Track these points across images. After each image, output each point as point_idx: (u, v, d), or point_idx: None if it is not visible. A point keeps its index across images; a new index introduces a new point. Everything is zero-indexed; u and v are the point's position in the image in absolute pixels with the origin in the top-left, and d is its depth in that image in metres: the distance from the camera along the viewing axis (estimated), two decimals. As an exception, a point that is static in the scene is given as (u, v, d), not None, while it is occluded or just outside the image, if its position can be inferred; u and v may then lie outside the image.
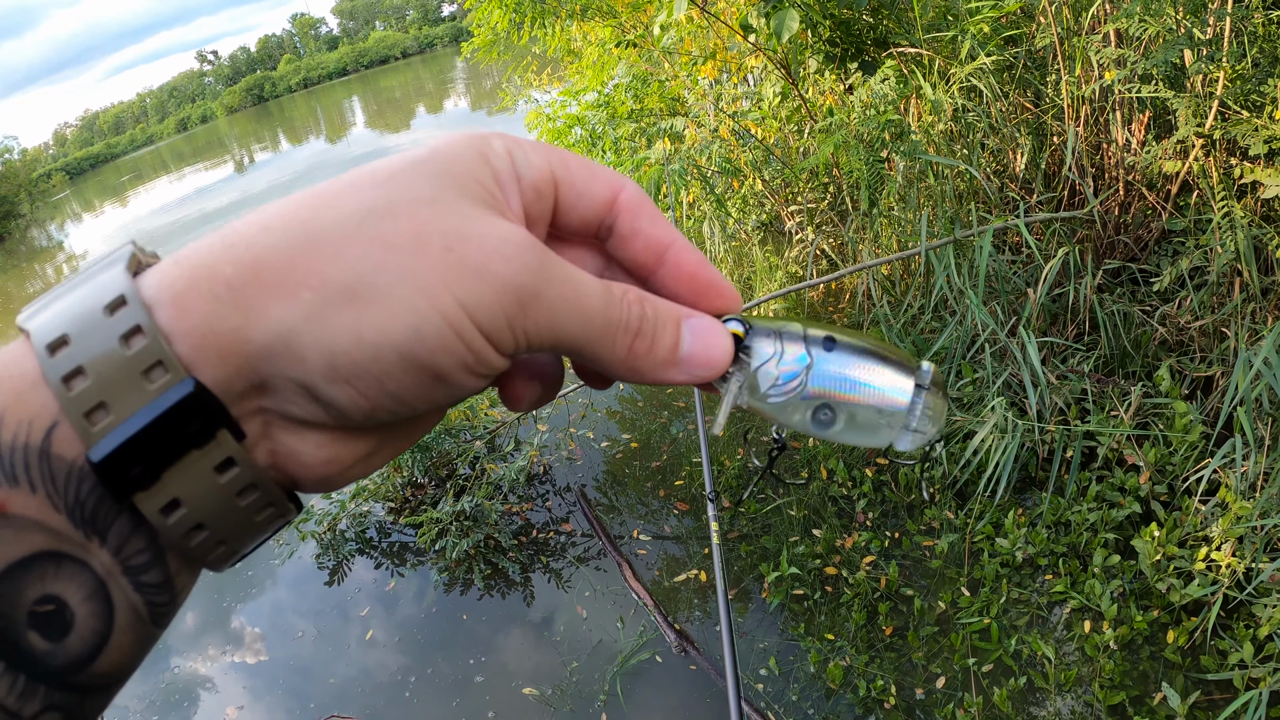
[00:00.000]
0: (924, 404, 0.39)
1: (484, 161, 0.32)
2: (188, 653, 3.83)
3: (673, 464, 4.08)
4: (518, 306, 0.30)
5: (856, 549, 3.26)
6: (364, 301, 0.28)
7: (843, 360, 0.37)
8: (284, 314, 0.27)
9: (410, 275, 0.28)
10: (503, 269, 0.29)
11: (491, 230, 0.30)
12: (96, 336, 0.27)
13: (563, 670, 3.16)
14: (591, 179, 0.36)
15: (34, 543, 0.26)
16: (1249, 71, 2.87)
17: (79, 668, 0.27)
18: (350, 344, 0.28)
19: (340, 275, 0.28)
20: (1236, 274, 2.93)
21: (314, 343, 0.28)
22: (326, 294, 0.28)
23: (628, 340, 0.34)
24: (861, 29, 3.97)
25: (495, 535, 3.77)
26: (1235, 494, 2.58)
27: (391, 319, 0.28)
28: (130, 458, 0.27)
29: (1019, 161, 3.63)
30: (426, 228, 0.29)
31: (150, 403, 0.27)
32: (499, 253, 0.29)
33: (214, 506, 0.29)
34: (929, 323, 3.76)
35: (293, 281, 0.28)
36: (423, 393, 0.30)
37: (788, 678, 2.89)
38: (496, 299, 0.29)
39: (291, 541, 4.14)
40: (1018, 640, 2.76)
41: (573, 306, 0.32)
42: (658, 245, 0.37)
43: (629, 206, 0.36)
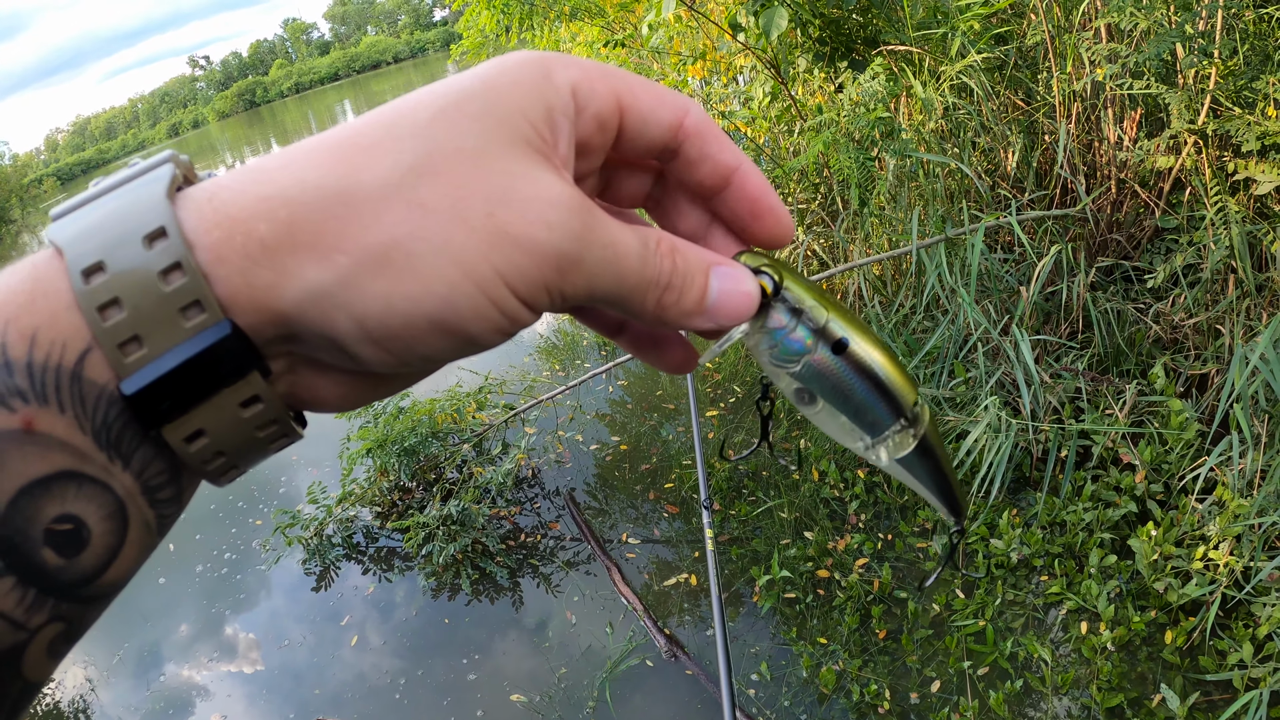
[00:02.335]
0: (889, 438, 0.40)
1: (538, 97, 0.31)
2: (176, 660, 3.78)
3: (662, 467, 4.03)
4: (557, 273, 0.30)
5: (849, 551, 3.22)
6: (398, 269, 0.28)
7: (842, 372, 0.38)
8: (317, 276, 0.27)
9: (447, 243, 0.28)
10: (546, 237, 0.29)
11: (535, 190, 0.29)
12: (134, 267, 0.27)
13: (551, 676, 3.11)
14: (659, 104, 0.35)
15: (57, 462, 0.26)
16: (1241, 68, 2.85)
17: (89, 581, 0.28)
18: (381, 310, 0.28)
19: (375, 240, 0.28)
20: (1231, 270, 2.90)
21: (345, 306, 0.28)
22: (360, 259, 0.28)
23: (658, 293, 0.33)
24: (851, 27, 3.94)
25: (483, 540, 3.72)
26: (1233, 492, 2.55)
27: (424, 288, 0.28)
28: (163, 393, 0.27)
29: (1010, 159, 3.60)
30: (467, 189, 0.29)
31: (186, 340, 0.27)
32: (543, 218, 0.29)
33: (235, 437, 0.29)
34: (921, 322, 3.73)
35: (327, 244, 0.28)
36: (452, 352, 0.30)
37: (780, 682, 2.85)
38: (537, 267, 0.29)
39: (278, 547, 4.08)
40: (1013, 642, 2.72)
41: (611, 268, 0.31)
42: (725, 169, 0.37)
43: (696, 131, 0.36)
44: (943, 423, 3.29)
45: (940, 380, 3.41)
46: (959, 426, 3.21)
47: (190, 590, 4.21)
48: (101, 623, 2.54)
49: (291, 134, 41.91)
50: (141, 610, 4.13)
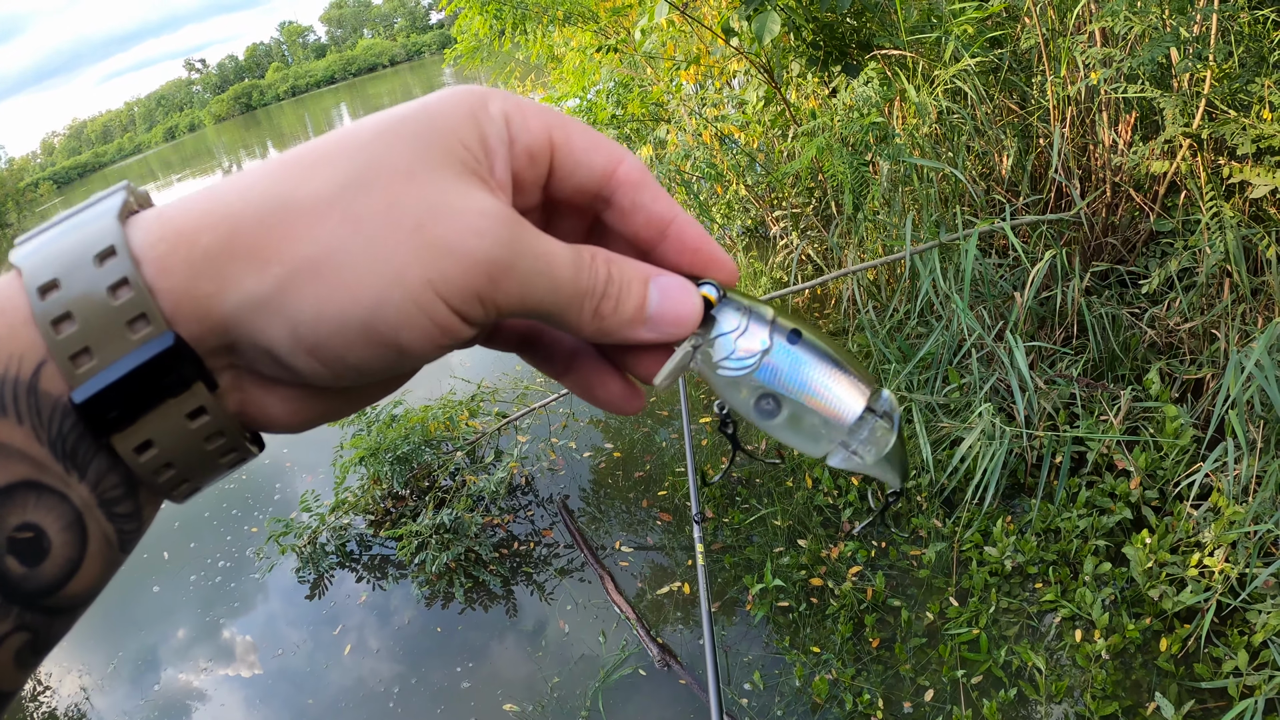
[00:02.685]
0: (870, 428, 0.38)
1: (473, 123, 0.32)
2: (171, 668, 3.76)
3: (656, 474, 4.01)
4: (488, 281, 0.30)
5: (842, 559, 3.20)
6: (328, 277, 0.29)
7: (802, 357, 0.37)
8: (253, 286, 0.28)
9: (377, 253, 0.29)
10: (474, 245, 0.30)
11: (466, 204, 0.30)
12: (85, 284, 0.28)
13: (544, 685, 3.09)
14: (592, 149, 0.35)
15: (17, 471, 0.27)
16: (1236, 71, 2.83)
17: (51, 591, 0.28)
18: (312, 317, 0.29)
19: (308, 251, 0.29)
20: (1226, 275, 2.88)
21: (278, 314, 0.29)
22: (293, 267, 0.29)
23: (594, 302, 0.34)
24: (844, 31, 3.93)
25: (476, 548, 3.70)
26: (1228, 498, 2.53)
27: (353, 296, 0.29)
28: (110, 401, 0.28)
29: (1004, 164, 3.59)
30: (399, 202, 0.29)
31: (132, 351, 0.28)
32: (471, 228, 0.30)
33: (183, 449, 0.30)
34: (915, 328, 3.71)
35: (263, 255, 0.29)
36: (385, 363, 0.31)
37: (772, 692, 2.83)
38: (466, 275, 0.30)
39: (271, 555, 4.06)
40: (1007, 651, 2.70)
41: (543, 277, 0.32)
42: (659, 221, 0.37)
43: (629, 181, 0.36)
44: (937, 429, 3.27)
45: (934, 386, 3.39)
46: (953, 433, 3.19)
47: (184, 598, 4.19)
48: (96, 630, 2.52)
49: (288, 137, 41.88)
50: (136, 618, 4.11)
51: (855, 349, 3.95)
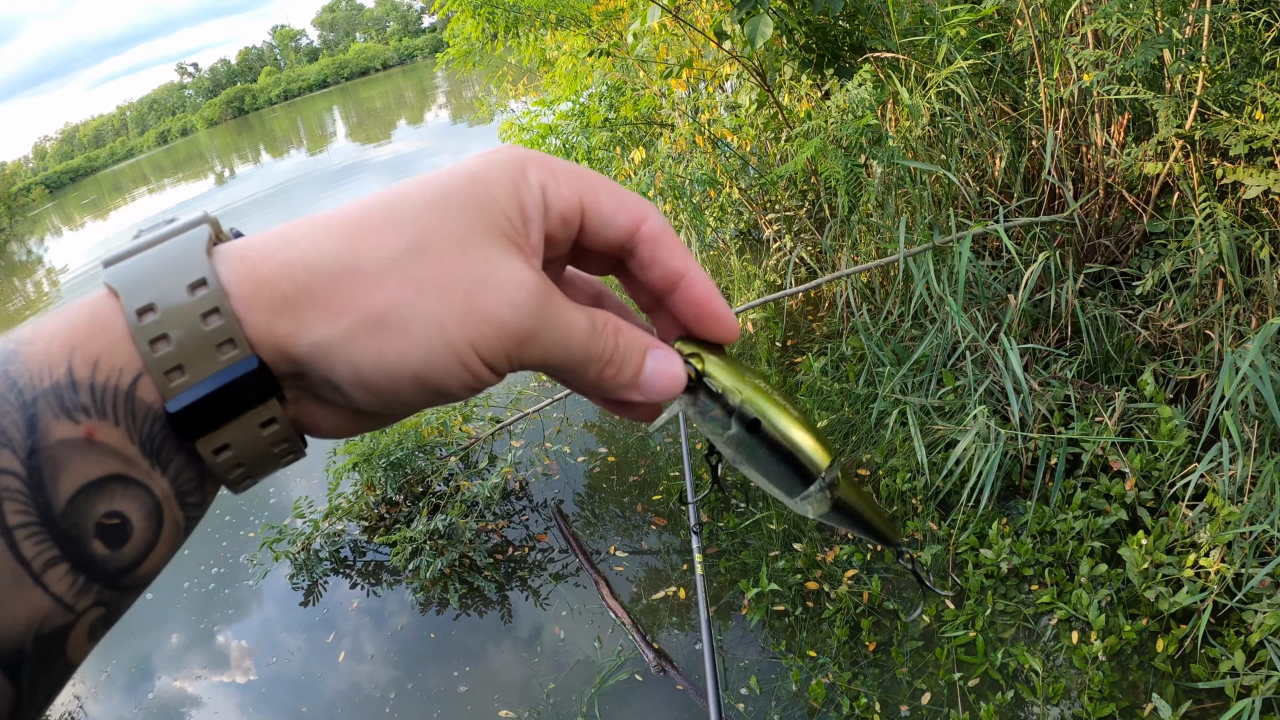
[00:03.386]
0: (813, 499, 0.46)
1: (514, 193, 0.37)
2: (165, 675, 3.74)
3: (650, 478, 4.01)
4: (516, 345, 0.36)
5: (838, 563, 3.19)
6: (390, 331, 0.34)
7: (755, 445, 0.43)
8: (325, 331, 0.33)
9: (430, 314, 0.34)
10: (509, 316, 0.35)
11: (506, 277, 0.35)
12: (180, 310, 0.32)
13: (540, 691, 3.08)
14: (618, 208, 0.40)
15: (110, 466, 0.31)
16: (1228, 72, 2.84)
17: (128, 571, 0.33)
18: (373, 364, 0.34)
19: (374, 306, 0.34)
20: (1219, 275, 2.88)
21: (345, 358, 0.34)
22: (360, 320, 0.34)
23: (599, 367, 0.39)
24: (837, 34, 3.93)
25: (470, 554, 3.69)
26: (1223, 499, 2.53)
27: (409, 349, 0.34)
28: (199, 412, 0.33)
29: (997, 166, 3.59)
30: (451, 270, 0.34)
31: (221, 370, 0.32)
32: (510, 300, 0.35)
33: (254, 451, 0.35)
34: (909, 330, 3.71)
35: (335, 306, 0.33)
36: (426, 401, 0.36)
37: (769, 696, 2.82)
38: (500, 339, 0.35)
39: (265, 561, 4.04)
40: (1004, 653, 2.69)
41: (561, 344, 0.37)
42: (674, 275, 0.42)
43: (650, 237, 0.41)
44: (931, 432, 3.27)
45: (929, 389, 3.39)
46: (948, 435, 3.19)
47: (178, 605, 4.17)
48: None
49: (281, 141, 41.81)
50: (130, 625, 4.08)
51: (849, 351, 3.94)
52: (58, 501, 0.30)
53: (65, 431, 0.31)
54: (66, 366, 0.31)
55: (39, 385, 0.31)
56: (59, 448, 0.30)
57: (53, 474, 0.30)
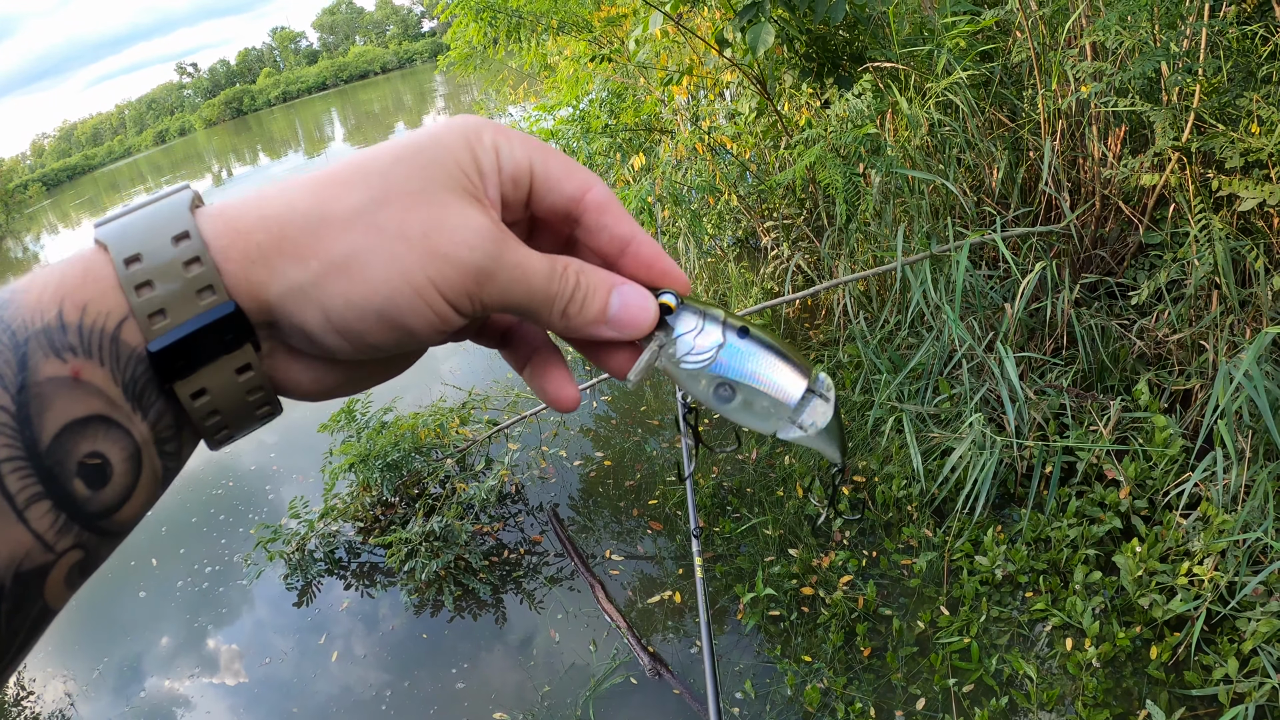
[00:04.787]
0: (812, 405, 0.46)
1: (470, 152, 0.39)
2: (157, 674, 3.73)
3: (646, 483, 4.01)
4: (475, 283, 0.38)
5: (833, 568, 3.20)
6: (355, 273, 0.36)
7: (751, 350, 0.44)
8: (296, 275, 0.35)
9: (393, 255, 0.36)
10: (466, 255, 0.37)
11: (462, 221, 0.37)
12: (164, 259, 0.34)
13: (535, 694, 3.08)
14: (565, 177, 0.42)
15: (94, 405, 0.32)
16: (1224, 85, 2.86)
17: (107, 514, 0.34)
18: (341, 305, 0.36)
19: (340, 251, 0.36)
20: (1214, 287, 2.90)
21: (314, 300, 0.36)
22: (327, 264, 0.36)
23: (562, 305, 0.41)
24: (837, 44, 3.95)
25: (465, 556, 3.69)
26: (1217, 507, 2.55)
27: (374, 288, 0.36)
28: (178, 353, 0.34)
29: (995, 176, 3.61)
30: (411, 216, 0.37)
31: (200, 314, 0.34)
32: (465, 241, 0.37)
33: (230, 398, 0.36)
34: (905, 338, 3.72)
35: (304, 252, 0.35)
36: (395, 342, 0.38)
37: (764, 700, 2.83)
38: (460, 277, 0.37)
39: (259, 561, 4.04)
40: (998, 659, 2.71)
41: (521, 284, 0.39)
42: (620, 240, 0.44)
43: (595, 205, 0.43)
44: (927, 439, 3.28)
45: (925, 397, 3.41)
46: (944, 443, 3.20)
47: (172, 604, 4.16)
48: (81, 636, 2.50)
49: (279, 143, 41.77)
50: (122, 624, 4.08)
51: (846, 359, 3.96)
52: (43, 438, 0.31)
53: (53, 369, 0.32)
54: (57, 310, 0.33)
55: (31, 327, 0.32)
56: (47, 385, 0.32)
57: (39, 410, 0.31)
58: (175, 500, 4.76)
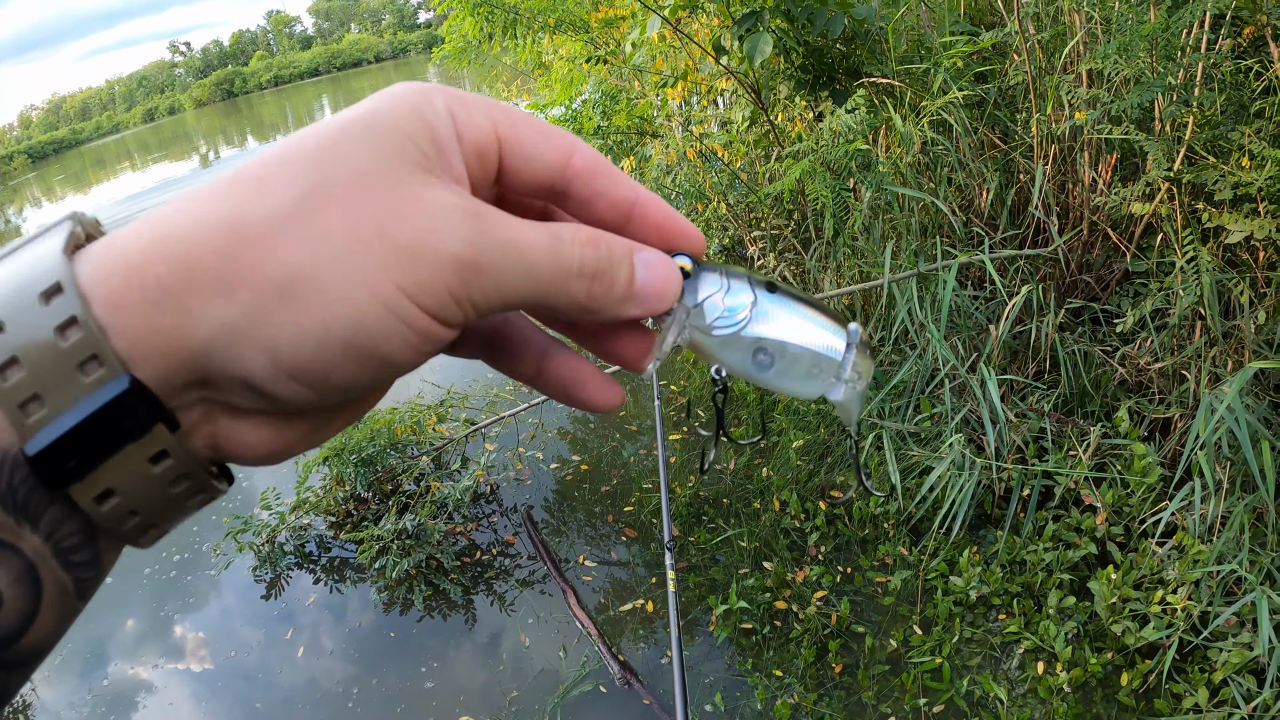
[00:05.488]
0: (853, 358, 0.40)
1: (420, 120, 0.31)
2: (120, 662, 3.67)
3: (623, 489, 3.99)
4: (458, 279, 0.29)
5: (808, 583, 3.19)
6: (302, 296, 0.27)
7: (785, 304, 0.38)
8: (222, 314, 0.27)
9: (346, 265, 0.28)
10: (437, 245, 0.29)
11: (425, 203, 0.29)
12: (31, 325, 0.26)
13: (502, 699, 3.05)
14: (541, 141, 0.34)
15: None
16: (1217, 118, 2.87)
17: (5, 645, 0.27)
18: (292, 339, 0.28)
19: (276, 271, 0.27)
20: (1198, 318, 2.91)
21: (255, 341, 0.27)
22: (263, 291, 0.27)
23: (584, 284, 0.33)
24: (834, 57, 3.94)
25: (437, 555, 3.65)
26: (1193, 537, 2.55)
27: (331, 313, 0.28)
28: (66, 452, 0.26)
29: (984, 197, 3.61)
30: (359, 210, 0.28)
31: (86, 398, 0.26)
32: (432, 228, 0.29)
33: (147, 495, 0.29)
34: (888, 355, 3.72)
35: (227, 280, 0.27)
36: (369, 377, 0.30)
37: (734, 714, 2.81)
38: (435, 276, 0.29)
39: (228, 552, 3.99)
40: (970, 681, 2.70)
41: (519, 268, 0.31)
42: (623, 204, 0.36)
43: (585, 170, 0.35)
44: (906, 457, 3.28)
45: (906, 414, 3.40)
46: (923, 462, 3.19)
47: (138, 592, 4.10)
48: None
49: (268, 127, 41.48)
50: (87, 610, 4.00)
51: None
52: None
53: None
54: None
55: None
56: None
57: None
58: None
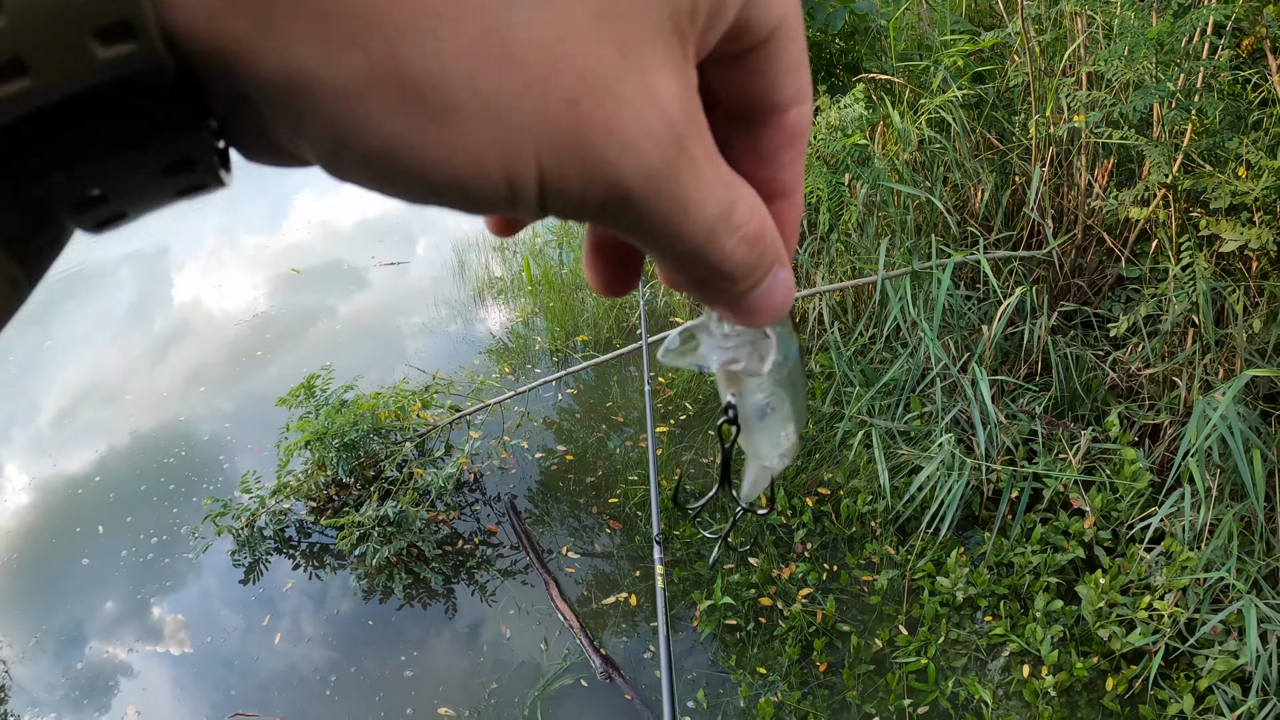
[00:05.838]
0: None
1: None
2: (96, 643, 3.59)
3: (608, 480, 3.95)
4: (601, 200, 0.22)
5: (793, 580, 3.16)
6: (424, 113, 0.19)
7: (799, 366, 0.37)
8: (314, 64, 0.18)
9: (502, 113, 0.20)
10: (620, 161, 0.21)
11: (645, 97, 0.21)
12: None
13: (482, 691, 3.01)
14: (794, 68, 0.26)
15: None
16: (1215, 126, 2.87)
17: None
18: (376, 148, 0.20)
19: (418, 63, 0.19)
20: (1191, 325, 2.91)
21: (329, 113, 0.19)
22: (384, 73, 0.19)
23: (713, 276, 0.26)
24: (833, 52, 3.93)
25: (419, 543, 3.60)
26: (1181, 544, 2.55)
27: (442, 153, 0.20)
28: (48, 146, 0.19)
29: (980, 197, 3.61)
30: (563, 54, 0.20)
31: (96, 77, 0.18)
32: (630, 138, 0.21)
33: (142, 199, 0.21)
34: (879, 352, 3.70)
35: (356, 25, 0.18)
36: (418, 199, 0.22)
37: (716, 710, 2.79)
38: (588, 186, 0.21)
39: (207, 535, 3.90)
40: (955, 682, 2.69)
41: (664, 224, 0.23)
42: (777, 189, 0.29)
43: (794, 129, 0.28)
44: (895, 456, 3.26)
45: (896, 412, 3.39)
46: (912, 461, 3.18)
47: (115, 573, 4.00)
48: (20, 603, 2.37)
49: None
50: (63, 592, 3.92)
51: (818, 369, 3.93)
52: None
53: None
54: None
55: None
56: None
57: None
58: (124, 466, 4.59)
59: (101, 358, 5.47)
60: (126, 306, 6.09)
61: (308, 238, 6.72)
